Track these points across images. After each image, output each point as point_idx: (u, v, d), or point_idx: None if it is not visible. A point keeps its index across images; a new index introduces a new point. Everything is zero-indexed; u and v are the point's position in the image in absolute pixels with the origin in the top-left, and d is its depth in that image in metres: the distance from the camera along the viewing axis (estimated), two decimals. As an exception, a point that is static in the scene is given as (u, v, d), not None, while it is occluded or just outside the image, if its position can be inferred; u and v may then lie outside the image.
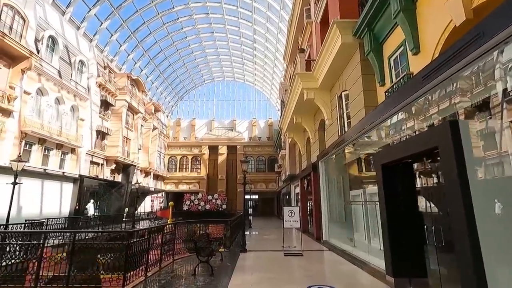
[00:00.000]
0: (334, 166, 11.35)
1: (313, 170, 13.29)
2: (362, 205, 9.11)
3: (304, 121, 13.48)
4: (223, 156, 38.36)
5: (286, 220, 9.41)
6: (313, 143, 13.75)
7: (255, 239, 13.24)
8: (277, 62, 30.89)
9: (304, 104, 11.82)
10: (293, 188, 21.09)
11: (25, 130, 15.10)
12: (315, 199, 13.01)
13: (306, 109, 12.61)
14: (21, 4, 15.03)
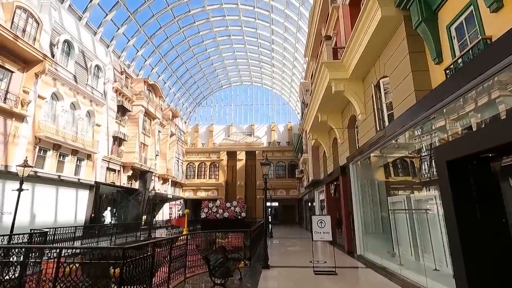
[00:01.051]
0: (369, 168, 9.84)
1: (341, 174, 11.81)
2: (405, 213, 7.61)
3: (331, 119, 12.07)
4: (241, 162, 37.30)
5: (315, 232, 8.00)
6: (341, 144, 12.28)
7: (278, 252, 11.84)
8: (296, 63, 29.66)
9: (331, 98, 10.46)
10: (317, 194, 19.52)
11: (39, 135, 14.73)
12: (345, 206, 11.49)
13: (333, 105, 11.22)
14: (36, 8, 14.86)
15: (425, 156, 6.09)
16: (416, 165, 6.54)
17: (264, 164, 9.06)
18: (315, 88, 11.59)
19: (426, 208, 6.75)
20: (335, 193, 13.78)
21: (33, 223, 14.37)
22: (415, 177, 7.05)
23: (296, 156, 34.76)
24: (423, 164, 6.42)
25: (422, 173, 6.71)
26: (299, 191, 32.43)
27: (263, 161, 8.97)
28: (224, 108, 43.75)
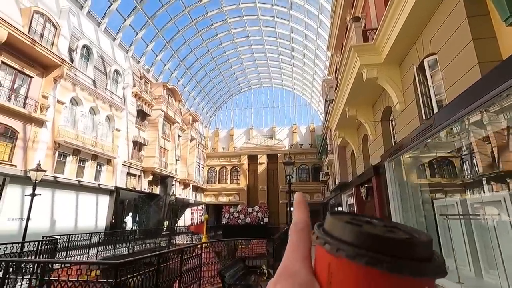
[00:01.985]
0: (410, 166, 8.51)
1: (375, 174, 10.48)
2: (460, 219, 6.26)
3: (361, 113, 10.80)
4: (263, 165, 36.32)
5: (349, 241, 6.84)
6: (373, 141, 10.96)
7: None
8: (318, 61, 28.40)
9: (361, 88, 9.25)
10: (345, 198, 18.07)
11: (58, 140, 14.65)
12: (380, 211, 10.13)
13: (364, 96, 9.98)
14: (55, 14, 14.92)
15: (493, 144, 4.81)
16: (479, 157, 5.24)
17: (287, 164, 8.04)
18: (342, 79, 10.42)
19: (492, 213, 5.42)
20: (367, 196, 12.41)
21: (54, 229, 14.21)
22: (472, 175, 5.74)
23: (319, 158, 33.25)
24: (490, 156, 5.12)
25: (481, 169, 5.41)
26: (324, 195, 30.85)
27: (286, 160, 7.94)
28: (244, 111, 43.18)
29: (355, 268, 0.23)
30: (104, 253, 12.61)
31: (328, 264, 0.25)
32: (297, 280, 0.26)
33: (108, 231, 15.82)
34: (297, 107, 41.61)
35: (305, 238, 0.30)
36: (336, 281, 0.24)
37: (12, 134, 12.53)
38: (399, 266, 0.22)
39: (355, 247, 0.23)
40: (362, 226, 0.25)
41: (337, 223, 0.26)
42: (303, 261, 0.28)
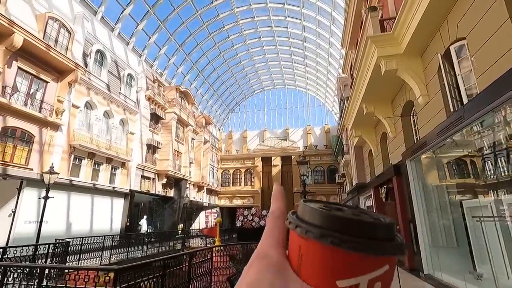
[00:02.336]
0: (435, 164, 7.89)
1: (395, 174, 9.86)
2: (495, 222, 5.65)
3: (379, 110, 10.23)
4: (277, 167, 35.84)
5: (370, 246, 6.31)
6: (392, 138, 10.35)
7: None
8: (331, 59, 27.75)
9: (379, 82, 8.71)
10: (363, 200, 17.35)
11: (73, 144, 14.83)
12: (402, 213, 9.49)
13: (382, 91, 9.41)
14: (70, 20, 15.20)
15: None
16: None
17: (301, 163, 7.62)
18: (358, 74, 9.90)
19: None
20: (387, 197, 11.74)
21: (70, 232, 14.35)
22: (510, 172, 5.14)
23: (335, 159, 32.43)
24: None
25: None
26: (341, 197, 29.98)
27: (300, 159, 7.52)
28: (257, 113, 42.95)
29: (322, 248, 0.24)
30: (117, 257, 12.55)
31: (298, 247, 0.27)
32: (269, 262, 0.28)
33: (121, 234, 15.82)
34: (311, 108, 40.97)
35: (280, 225, 0.31)
36: (305, 261, 0.26)
37: (29, 138, 12.74)
38: (361, 245, 0.23)
39: (322, 228, 0.24)
40: (331, 211, 0.26)
41: (308, 208, 0.27)
42: (277, 246, 0.29)
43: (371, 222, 0.25)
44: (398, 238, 0.26)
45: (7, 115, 11.80)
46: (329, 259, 0.24)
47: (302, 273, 0.26)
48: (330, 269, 0.24)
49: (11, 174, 11.80)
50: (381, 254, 0.24)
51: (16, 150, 12.22)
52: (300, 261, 0.26)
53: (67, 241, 8.80)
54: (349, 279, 0.24)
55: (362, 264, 0.24)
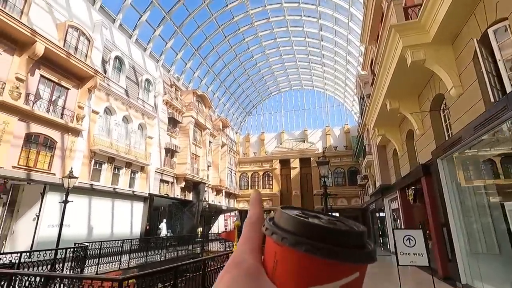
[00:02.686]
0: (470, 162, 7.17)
1: (424, 174, 9.16)
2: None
3: (404, 105, 9.55)
4: (295, 170, 35.17)
5: (401, 253, 5.72)
6: (420, 136, 9.63)
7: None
8: (350, 57, 26.92)
9: (405, 75, 8.10)
10: (387, 202, 16.47)
11: (93, 149, 15.10)
12: (433, 216, 8.76)
13: (408, 85, 8.76)
14: (89, 28, 15.58)
15: None
16: None
17: (321, 164, 7.16)
18: (380, 69, 9.30)
19: None
20: (415, 199, 10.96)
21: (91, 236, 14.54)
22: None
23: (356, 160, 31.33)
24: None
25: None
26: (363, 199, 28.89)
27: (320, 160, 7.06)
28: (274, 115, 42.53)
29: (296, 255, 0.25)
30: (136, 261, 12.53)
31: (274, 253, 0.27)
32: (244, 268, 0.28)
33: (141, 238, 15.89)
34: (329, 108, 40.04)
35: (257, 231, 0.31)
36: (280, 267, 0.26)
37: (51, 143, 13.06)
38: (334, 253, 0.24)
39: (297, 236, 0.25)
40: (308, 218, 0.27)
41: (285, 215, 0.28)
42: (252, 251, 0.29)
43: (344, 230, 0.26)
44: (369, 246, 0.27)
45: (31, 121, 12.14)
46: (303, 266, 0.25)
47: (277, 279, 0.26)
48: (304, 275, 0.25)
49: (34, 179, 12.10)
50: (353, 262, 0.25)
51: (39, 155, 12.54)
52: (275, 267, 0.27)
53: (85, 245, 8.80)
54: (322, 285, 0.24)
55: (334, 271, 0.24)
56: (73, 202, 10.77)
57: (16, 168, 11.49)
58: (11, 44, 11.46)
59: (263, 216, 0.33)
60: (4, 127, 11.05)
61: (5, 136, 11.06)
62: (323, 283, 0.24)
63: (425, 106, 8.89)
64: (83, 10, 15.70)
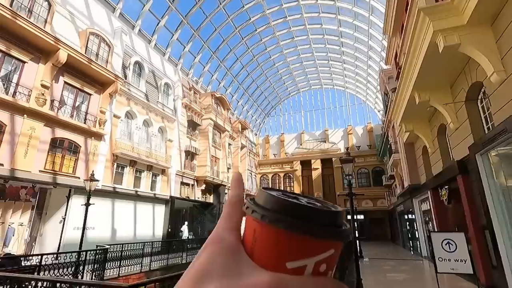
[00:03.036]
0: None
1: (461, 172, 8.38)
2: None
3: (435, 97, 8.82)
4: (317, 171, 34.30)
5: (440, 258, 5.11)
6: (454, 130, 8.83)
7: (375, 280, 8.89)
8: (371, 52, 25.88)
9: (436, 63, 7.43)
10: (417, 204, 15.47)
11: (115, 152, 15.38)
12: (473, 218, 7.93)
13: (439, 74, 8.05)
14: (110, 35, 15.96)
15: None
16: None
17: (345, 161, 6.67)
18: (407, 59, 8.63)
19: None
20: (450, 200, 10.11)
21: (115, 238, 14.77)
22: None
23: (381, 160, 30.05)
24: None
25: None
26: (390, 201, 27.57)
27: (344, 157, 6.57)
28: (294, 115, 41.91)
29: (275, 232, 0.26)
30: (158, 263, 12.51)
31: (253, 230, 0.28)
32: (223, 244, 0.28)
33: (162, 240, 15.94)
34: (350, 107, 38.84)
35: (236, 210, 0.32)
36: (259, 244, 0.27)
37: (75, 148, 13.41)
38: (311, 230, 0.25)
39: (277, 213, 0.26)
40: (288, 199, 0.28)
41: (265, 195, 0.29)
42: (232, 229, 0.30)
43: (321, 209, 0.27)
44: (345, 225, 0.28)
45: (56, 127, 12.51)
46: (282, 242, 0.26)
47: (255, 256, 0.27)
48: (281, 251, 0.26)
49: (60, 183, 12.44)
50: (328, 239, 0.26)
51: (64, 159, 12.89)
52: (254, 244, 0.28)
53: (106, 248, 8.81)
54: (298, 261, 0.26)
55: (310, 247, 0.26)
56: (94, 204, 10.90)
57: (43, 172, 11.85)
58: (37, 52, 11.89)
59: (243, 196, 0.33)
60: (31, 133, 11.43)
61: (32, 141, 11.45)
62: (300, 258, 0.26)
63: (460, 97, 8.12)
64: (104, 17, 16.13)
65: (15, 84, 11.26)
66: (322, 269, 0.26)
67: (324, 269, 0.27)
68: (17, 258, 7.20)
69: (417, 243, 16.24)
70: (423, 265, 12.58)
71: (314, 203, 0.29)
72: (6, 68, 11.07)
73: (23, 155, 11.09)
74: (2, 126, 10.65)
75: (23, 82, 11.43)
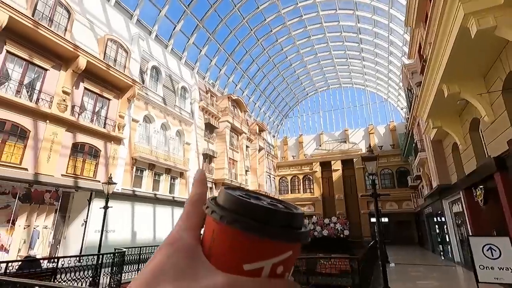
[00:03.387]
0: None
1: (499, 169, 7.61)
2: None
3: (466, 88, 8.08)
4: (337, 172, 33.32)
5: (481, 266, 4.52)
6: (489, 123, 8.05)
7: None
8: (392, 47, 24.85)
9: (467, 50, 6.77)
10: (448, 205, 14.45)
11: (134, 156, 15.58)
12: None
13: (471, 63, 7.36)
14: (127, 41, 16.28)
15: None
16: None
17: (368, 159, 6.18)
18: (434, 48, 7.99)
19: None
20: (485, 200, 9.25)
21: (135, 241, 14.90)
22: None
23: (405, 160, 28.70)
24: None
25: None
26: (416, 203, 26.20)
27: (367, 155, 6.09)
28: (312, 116, 41.13)
29: (233, 233, 0.26)
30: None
31: (212, 231, 0.27)
32: (179, 245, 0.28)
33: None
34: (371, 106, 37.54)
35: (196, 210, 0.31)
36: (216, 246, 0.27)
37: (95, 152, 13.69)
38: (268, 231, 0.25)
39: (236, 214, 0.26)
40: (250, 199, 0.27)
41: (226, 195, 0.28)
42: (190, 229, 0.29)
43: (280, 211, 0.26)
44: (304, 227, 0.28)
45: (77, 132, 12.83)
46: (239, 243, 0.25)
47: (213, 257, 0.27)
48: (239, 253, 0.25)
49: (81, 186, 12.71)
50: (286, 241, 0.26)
51: (85, 163, 13.18)
52: (212, 245, 0.27)
53: (123, 251, 8.79)
54: (255, 263, 0.25)
55: (267, 249, 0.25)
56: (112, 207, 10.98)
57: (65, 176, 12.15)
58: (58, 60, 12.26)
59: (205, 196, 0.32)
60: (53, 138, 11.76)
61: (54, 146, 11.76)
62: (257, 260, 0.25)
63: (495, 87, 7.38)
64: (121, 24, 16.48)
65: (38, 91, 11.64)
66: (279, 271, 0.26)
67: (281, 271, 0.26)
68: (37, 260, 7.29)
69: (448, 248, 15.18)
70: (456, 271, 11.65)
71: (276, 204, 0.29)
72: (29, 76, 11.47)
73: (46, 159, 11.40)
74: (26, 132, 11.01)
75: (45, 89, 11.80)
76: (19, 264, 6.57)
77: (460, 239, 13.23)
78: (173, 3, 19.92)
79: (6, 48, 10.65)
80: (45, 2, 11.92)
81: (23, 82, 11.22)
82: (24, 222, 11.45)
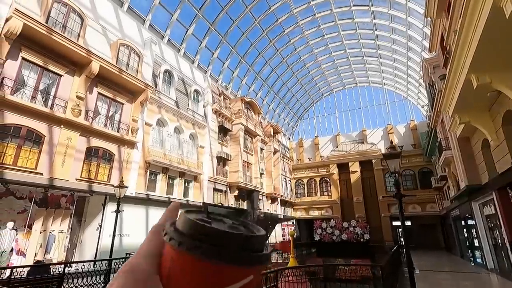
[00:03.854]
0: None
1: (540, 167, 6.80)
2: None
3: (498, 78, 7.33)
4: (355, 174, 32.23)
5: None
6: (527, 116, 7.25)
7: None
8: (411, 43, 23.81)
9: (500, 34, 6.09)
10: (478, 207, 13.43)
11: (148, 160, 15.55)
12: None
13: (504, 49, 6.64)
14: (139, 46, 16.39)
15: None
16: None
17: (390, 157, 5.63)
18: (460, 36, 7.31)
19: None
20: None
21: (149, 245, 14.78)
22: None
23: (428, 160, 27.32)
24: None
25: None
26: (442, 205, 24.79)
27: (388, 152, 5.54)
28: (328, 117, 40.23)
29: (192, 260, 0.24)
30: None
31: (170, 258, 0.27)
32: (136, 274, 0.27)
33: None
34: (390, 104, 36.23)
35: (155, 237, 0.31)
36: (175, 273, 0.26)
37: (109, 156, 13.73)
38: (229, 257, 0.24)
39: (194, 240, 0.25)
40: (211, 223, 0.26)
41: (185, 220, 0.27)
42: (147, 256, 0.29)
43: (240, 235, 0.25)
44: (265, 251, 0.27)
45: (91, 136, 12.91)
46: (199, 271, 0.24)
47: (171, 285, 0.26)
48: (199, 281, 0.24)
49: (96, 191, 12.74)
50: (244, 265, 0.24)
51: (99, 168, 13.23)
52: (170, 273, 0.26)
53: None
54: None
55: (226, 275, 0.24)
56: (123, 211, 10.86)
57: (79, 181, 12.21)
58: (71, 65, 12.41)
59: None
60: (67, 143, 11.86)
61: (69, 150, 11.85)
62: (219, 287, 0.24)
63: (534, 74, 6.62)
64: (134, 29, 16.63)
65: (53, 97, 11.79)
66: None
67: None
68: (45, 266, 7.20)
69: (479, 253, 14.06)
70: (490, 280, 10.67)
71: (237, 227, 0.27)
72: (44, 82, 11.65)
73: (60, 164, 11.49)
74: (41, 136, 11.14)
75: (59, 94, 11.95)
76: (29, 269, 6.48)
77: (493, 244, 12.19)
78: (185, 7, 19.99)
79: (22, 55, 10.86)
80: (59, 9, 12.12)
81: (38, 88, 11.40)
82: (40, 227, 11.56)
